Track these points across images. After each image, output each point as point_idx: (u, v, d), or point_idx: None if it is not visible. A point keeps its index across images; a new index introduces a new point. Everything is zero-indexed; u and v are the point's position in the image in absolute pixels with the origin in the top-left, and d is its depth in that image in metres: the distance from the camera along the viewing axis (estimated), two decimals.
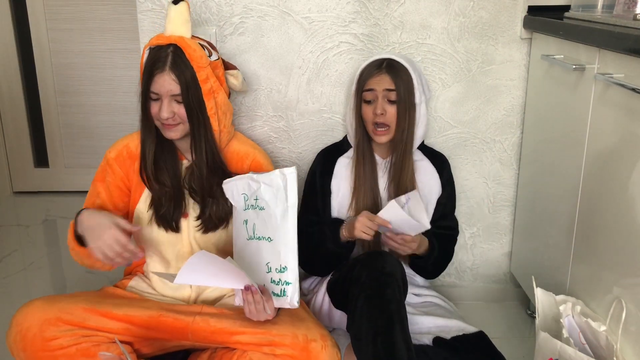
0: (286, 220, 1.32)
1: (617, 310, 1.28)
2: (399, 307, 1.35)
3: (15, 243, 2.46)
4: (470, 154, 1.87)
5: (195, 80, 1.38)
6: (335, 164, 1.66)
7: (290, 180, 1.33)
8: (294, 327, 1.34)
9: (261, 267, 1.37)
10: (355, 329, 1.38)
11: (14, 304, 1.45)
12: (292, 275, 1.33)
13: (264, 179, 1.35)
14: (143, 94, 1.39)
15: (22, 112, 2.87)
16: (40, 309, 1.34)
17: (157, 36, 1.41)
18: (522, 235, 1.89)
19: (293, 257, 1.32)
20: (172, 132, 1.41)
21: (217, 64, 1.46)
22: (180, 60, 1.36)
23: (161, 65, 1.35)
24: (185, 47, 1.37)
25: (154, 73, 1.36)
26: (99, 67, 2.79)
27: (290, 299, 1.33)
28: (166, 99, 1.37)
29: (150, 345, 1.43)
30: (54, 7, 2.74)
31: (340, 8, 1.73)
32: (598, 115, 1.36)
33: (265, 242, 1.36)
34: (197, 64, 1.38)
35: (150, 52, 1.39)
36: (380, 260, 1.40)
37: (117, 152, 1.51)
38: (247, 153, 1.53)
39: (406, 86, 1.54)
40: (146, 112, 1.41)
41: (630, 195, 1.23)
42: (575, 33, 1.44)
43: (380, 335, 1.32)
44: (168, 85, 1.36)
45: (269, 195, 1.34)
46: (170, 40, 1.38)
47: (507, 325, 1.87)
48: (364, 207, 1.60)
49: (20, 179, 2.97)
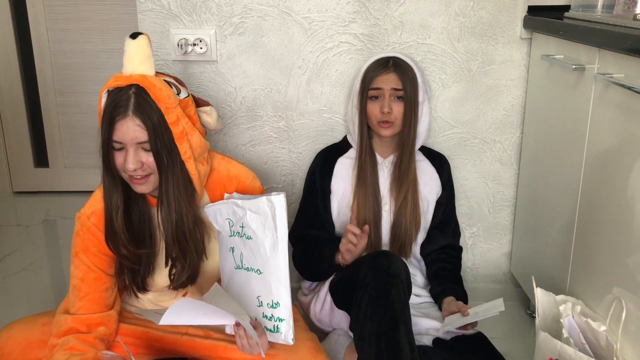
0: (276, 253, 1.22)
1: (617, 310, 1.28)
2: (403, 308, 1.35)
3: (15, 243, 2.46)
4: (470, 154, 1.87)
5: (164, 124, 1.20)
6: (335, 164, 1.66)
7: (278, 209, 1.21)
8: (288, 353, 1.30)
9: (252, 299, 1.29)
10: (359, 329, 1.37)
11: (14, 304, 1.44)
12: (285, 312, 1.25)
13: (250, 205, 1.23)
14: (104, 144, 1.21)
15: (22, 112, 2.87)
16: (21, 331, 1.31)
17: (115, 77, 1.22)
18: (522, 235, 1.89)
19: (286, 292, 1.24)
20: (143, 186, 1.24)
21: (188, 102, 1.29)
22: (144, 102, 1.18)
23: (123, 110, 1.18)
24: (150, 86, 1.20)
25: (115, 120, 1.18)
26: (99, 67, 2.80)
27: (284, 336, 1.26)
28: (132, 147, 1.19)
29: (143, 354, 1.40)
30: (54, 7, 2.74)
31: (340, 8, 1.73)
32: (598, 115, 1.36)
33: (255, 274, 1.26)
34: (165, 104, 1.20)
35: (110, 95, 1.21)
36: (385, 260, 1.40)
37: (97, 217, 1.30)
38: (230, 177, 1.39)
39: (412, 84, 1.55)
40: (109, 163, 1.23)
41: (630, 195, 1.23)
42: (575, 33, 1.44)
43: (384, 336, 1.32)
44: (132, 132, 1.18)
45: (255, 223, 1.23)
46: (131, 81, 1.20)
47: (507, 325, 1.87)
48: (365, 205, 1.60)
49: (20, 179, 2.97)
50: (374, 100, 1.57)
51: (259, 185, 1.44)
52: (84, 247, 1.30)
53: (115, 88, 1.21)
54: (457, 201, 1.82)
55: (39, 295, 2.04)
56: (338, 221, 1.67)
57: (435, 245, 1.71)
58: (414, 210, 1.62)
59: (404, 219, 1.62)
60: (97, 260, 1.31)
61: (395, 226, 1.64)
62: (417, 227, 1.65)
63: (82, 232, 1.30)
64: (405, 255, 1.67)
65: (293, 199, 1.90)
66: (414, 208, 1.62)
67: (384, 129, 1.57)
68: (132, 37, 1.23)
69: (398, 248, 1.65)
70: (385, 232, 1.65)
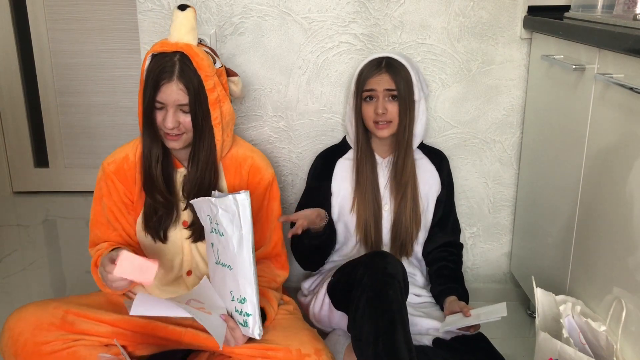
0: (242, 250, 1.27)
1: (617, 310, 1.28)
2: (400, 308, 1.35)
3: (15, 243, 2.46)
4: (470, 154, 1.87)
5: (203, 90, 1.34)
6: (334, 166, 1.66)
7: (242, 207, 1.26)
8: (288, 340, 1.33)
9: (227, 294, 1.34)
10: (356, 330, 1.38)
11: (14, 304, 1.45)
12: (251, 307, 1.29)
13: (221, 203, 1.28)
14: (148, 103, 1.34)
15: (22, 112, 2.87)
16: (32, 314, 1.33)
17: (162, 42, 1.35)
18: (522, 235, 1.89)
19: (251, 288, 1.29)
20: (175, 143, 1.38)
21: (221, 72, 1.42)
22: (188, 68, 1.31)
23: (168, 74, 1.31)
24: (193, 55, 1.32)
25: (161, 82, 1.31)
26: (99, 67, 2.79)
27: (252, 330, 1.31)
28: (172, 108, 1.33)
29: (145, 349, 1.42)
30: (54, 7, 2.74)
31: (340, 8, 1.73)
32: (598, 115, 1.36)
33: (228, 270, 1.32)
34: (205, 72, 1.33)
35: (155, 59, 1.34)
36: (382, 261, 1.40)
37: (117, 165, 1.46)
38: (245, 157, 1.50)
39: (406, 84, 1.55)
40: (150, 121, 1.36)
41: (630, 195, 1.23)
42: (575, 33, 1.44)
43: (381, 336, 1.32)
44: (176, 95, 1.31)
45: (226, 221, 1.28)
46: (177, 48, 1.32)
47: (507, 325, 1.87)
48: (366, 205, 1.60)
49: (20, 179, 2.97)
50: (368, 101, 1.57)
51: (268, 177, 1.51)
52: (102, 192, 1.47)
53: (160, 53, 1.33)
54: (457, 201, 1.82)
55: (39, 295, 2.04)
56: (339, 222, 1.66)
57: (435, 243, 1.71)
58: (413, 208, 1.62)
59: (404, 217, 1.62)
60: (112, 204, 1.46)
61: (395, 225, 1.64)
62: (417, 225, 1.65)
63: (102, 178, 1.47)
64: (407, 255, 1.67)
65: (293, 199, 1.90)
66: (414, 206, 1.62)
67: (380, 129, 1.57)
68: (180, 9, 1.34)
69: (399, 247, 1.65)
70: (385, 231, 1.65)
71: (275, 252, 1.55)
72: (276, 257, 1.56)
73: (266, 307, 1.41)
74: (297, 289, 1.77)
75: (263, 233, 1.53)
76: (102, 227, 1.49)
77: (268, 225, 1.53)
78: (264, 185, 1.51)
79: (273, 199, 1.54)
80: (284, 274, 1.57)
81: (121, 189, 1.46)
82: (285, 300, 1.56)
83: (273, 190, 1.53)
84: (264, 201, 1.52)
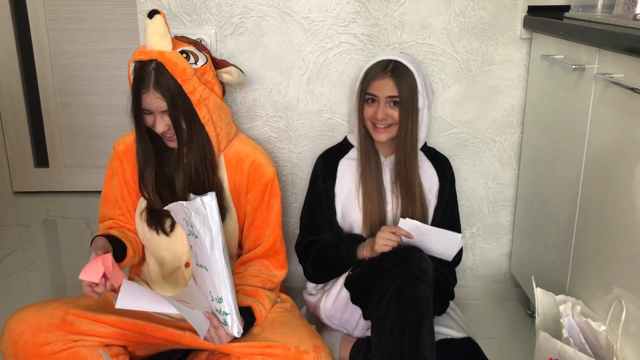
0: (214, 251, 1.30)
1: (617, 310, 1.28)
2: (428, 306, 1.37)
3: (15, 243, 2.46)
4: (470, 154, 1.87)
5: (182, 93, 1.35)
6: (337, 166, 1.64)
7: (208, 209, 1.29)
8: (286, 337, 1.34)
9: (208, 294, 1.37)
10: (379, 316, 1.38)
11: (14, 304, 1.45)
12: (227, 306, 1.32)
13: (191, 206, 1.31)
14: (137, 110, 1.38)
15: (22, 112, 2.87)
16: (32, 315, 1.34)
17: (139, 50, 1.37)
18: (522, 235, 1.89)
19: (225, 288, 1.31)
20: (174, 142, 1.42)
21: (206, 69, 1.42)
22: (163, 76, 1.33)
23: (145, 84, 1.34)
24: (167, 62, 1.33)
25: (141, 92, 1.35)
26: (99, 67, 2.80)
27: (231, 328, 1.34)
28: (158, 114, 1.36)
29: (144, 349, 1.43)
30: (54, 7, 2.74)
31: (340, 8, 1.73)
32: (598, 115, 1.36)
33: (205, 271, 1.34)
34: (181, 76, 1.34)
35: (135, 68, 1.37)
36: (417, 256, 1.41)
37: (126, 146, 1.50)
38: (247, 154, 1.51)
39: (410, 91, 1.51)
40: (140, 125, 1.40)
41: (630, 195, 1.23)
42: (575, 33, 1.44)
43: (409, 328, 1.34)
44: (155, 103, 1.34)
45: (199, 223, 1.31)
46: (151, 56, 1.34)
47: (507, 325, 1.87)
48: (371, 204, 1.59)
49: (20, 179, 2.97)
50: (370, 103, 1.55)
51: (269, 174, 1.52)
52: (113, 171, 1.52)
53: (139, 61, 1.36)
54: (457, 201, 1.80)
55: (39, 295, 2.04)
56: (344, 223, 1.65)
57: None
58: (421, 208, 1.61)
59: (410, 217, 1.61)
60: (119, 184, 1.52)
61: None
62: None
63: (113, 157, 1.52)
64: None
65: (293, 199, 1.90)
66: (422, 207, 1.61)
67: (378, 133, 1.55)
68: (149, 17, 1.34)
69: None
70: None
71: (274, 250, 1.55)
72: (275, 255, 1.56)
73: (254, 306, 1.41)
74: (301, 288, 1.76)
75: (262, 230, 1.53)
76: (110, 205, 1.54)
77: (267, 223, 1.53)
78: (264, 182, 1.51)
79: (273, 197, 1.54)
80: (282, 274, 1.57)
81: (128, 170, 1.50)
82: (283, 299, 1.56)
83: (274, 188, 1.53)
84: (264, 198, 1.52)
